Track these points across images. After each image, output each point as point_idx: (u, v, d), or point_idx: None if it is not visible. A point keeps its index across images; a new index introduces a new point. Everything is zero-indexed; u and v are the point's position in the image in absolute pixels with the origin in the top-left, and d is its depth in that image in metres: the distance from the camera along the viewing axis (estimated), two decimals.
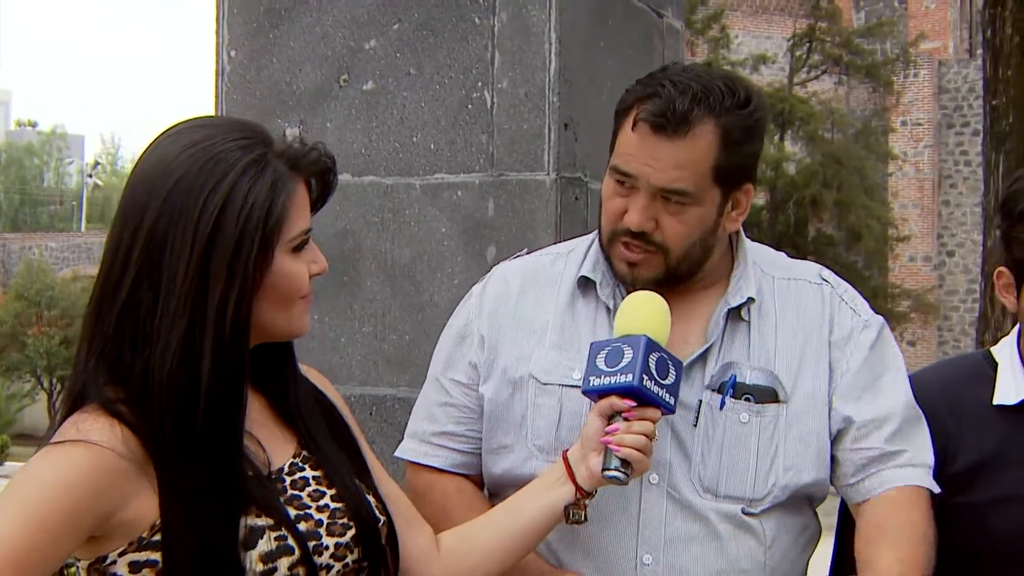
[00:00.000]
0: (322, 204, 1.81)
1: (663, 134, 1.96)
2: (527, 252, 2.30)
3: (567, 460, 1.94)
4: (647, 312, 1.93)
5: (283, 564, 1.64)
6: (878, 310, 2.21)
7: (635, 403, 1.87)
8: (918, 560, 2.00)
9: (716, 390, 2.03)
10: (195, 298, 1.63)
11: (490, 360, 2.12)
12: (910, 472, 2.05)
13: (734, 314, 2.07)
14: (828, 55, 24.75)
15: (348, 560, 1.72)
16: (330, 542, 1.70)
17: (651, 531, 2.00)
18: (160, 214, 1.65)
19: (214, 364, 1.63)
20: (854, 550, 2.05)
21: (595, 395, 1.91)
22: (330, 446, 1.81)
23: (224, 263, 1.63)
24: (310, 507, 1.72)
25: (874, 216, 23.83)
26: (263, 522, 1.64)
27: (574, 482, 1.92)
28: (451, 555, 1.93)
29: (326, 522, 1.71)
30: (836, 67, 24.92)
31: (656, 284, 2.02)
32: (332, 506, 1.73)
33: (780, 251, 2.23)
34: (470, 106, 2.85)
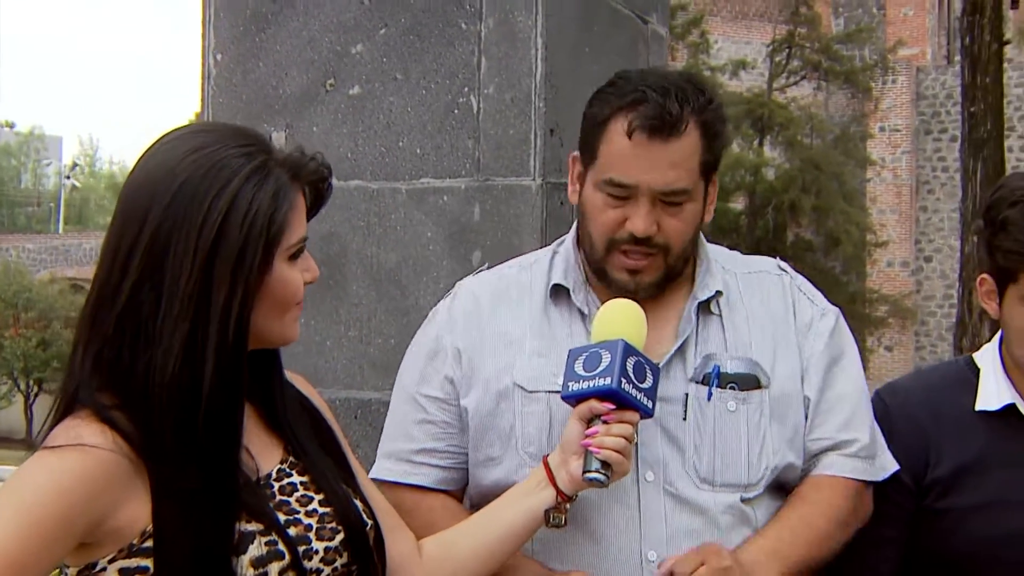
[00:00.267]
0: (315, 213, 1.82)
1: (659, 138, 2.00)
2: (487, 267, 2.31)
3: (547, 465, 1.96)
4: (624, 318, 1.96)
5: (274, 569, 1.64)
6: (856, 315, 2.27)
7: (614, 406, 1.89)
8: (820, 529, 2.04)
9: (700, 382, 2.06)
10: (198, 301, 1.63)
11: (469, 373, 2.13)
12: (856, 464, 2.11)
13: (704, 308, 2.12)
14: (807, 61, 24.85)
15: (337, 564, 1.72)
16: (320, 546, 1.71)
17: (653, 528, 2.02)
18: (163, 218, 1.65)
19: (216, 367, 1.63)
20: None
21: (574, 400, 1.93)
22: (316, 452, 1.82)
23: (228, 268, 1.64)
24: (299, 512, 1.72)
25: (852, 221, 23.93)
26: (253, 527, 1.65)
27: (555, 486, 1.94)
28: (433, 560, 1.94)
29: (315, 527, 1.72)
30: (815, 73, 25.01)
31: (656, 287, 2.08)
32: (321, 511, 1.74)
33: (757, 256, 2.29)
34: (456, 111, 2.85)
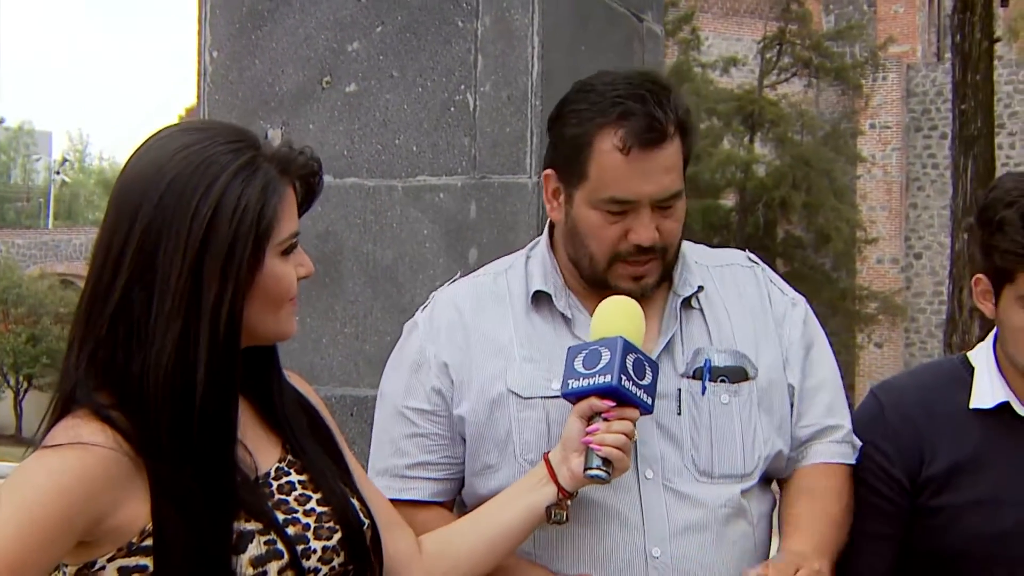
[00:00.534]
0: (307, 207, 1.82)
1: (652, 148, 2.01)
2: (460, 276, 2.32)
3: (548, 462, 1.97)
4: (622, 315, 1.97)
5: (273, 568, 1.64)
6: (846, 312, 2.31)
7: (614, 403, 1.91)
8: (837, 516, 2.10)
9: (692, 376, 2.09)
10: (189, 299, 1.63)
11: (460, 383, 2.12)
12: (844, 449, 2.17)
13: (685, 304, 2.14)
14: (798, 58, 24.86)
15: (335, 563, 1.73)
16: (317, 545, 1.71)
17: (656, 525, 2.04)
18: (153, 216, 1.65)
19: (209, 365, 1.63)
20: (780, 517, 2.14)
21: (574, 397, 1.94)
22: (315, 450, 1.82)
23: (218, 265, 1.64)
24: (297, 511, 1.73)
25: (843, 218, 23.97)
26: (252, 526, 1.65)
27: (556, 483, 1.95)
28: (433, 557, 1.95)
29: (313, 526, 1.72)
30: (806, 70, 25.03)
31: (656, 287, 2.11)
32: (318, 510, 1.74)
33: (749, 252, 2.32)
34: (452, 109, 2.86)
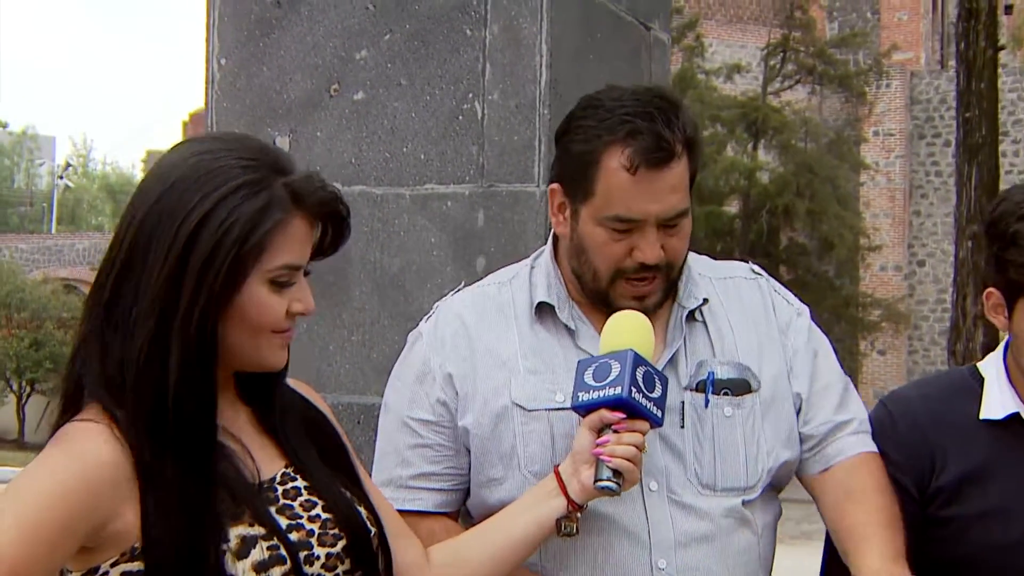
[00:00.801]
0: (333, 250, 1.79)
1: (661, 167, 2.01)
2: (464, 285, 2.32)
3: (559, 474, 1.97)
4: (631, 329, 1.97)
5: (275, 573, 1.64)
6: (849, 319, 2.32)
7: (624, 415, 1.91)
8: (889, 509, 2.09)
9: (695, 389, 2.09)
10: (166, 300, 1.64)
11: (465, 394, 2.12)
12: (861, 439, 2.17)
13: (689, 317, 2.14)
14: (802, 65, 24.85)
15: (339, 570, 1.72)
16: (321, 552, 1.71)
17: (661, 536, 2.04)
18: (149, 212, 1.67)
19: (181, 367, 1.63)
20: (826, 521, 2.14)
21: (583, 410, 1.95)
22: (314, 461, 1.81)
23: (195, 273, 1.64)
24: (302, 517, 1.72)
25: (846, 225, 23.94)
26: (256, 531, 1.65)
27: (566, 495, 1.95)
28: (442, 568, 1.94)
29: (317, 532, 1.72)
30: (809, 77, 25.01)
31: (658, 304, 2.10)
32: (323, 516, 1.74)
33: (754, 260, 2.33)
34: (460, 117, 2.86)
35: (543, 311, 2.14)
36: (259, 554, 1.64)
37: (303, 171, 1.74)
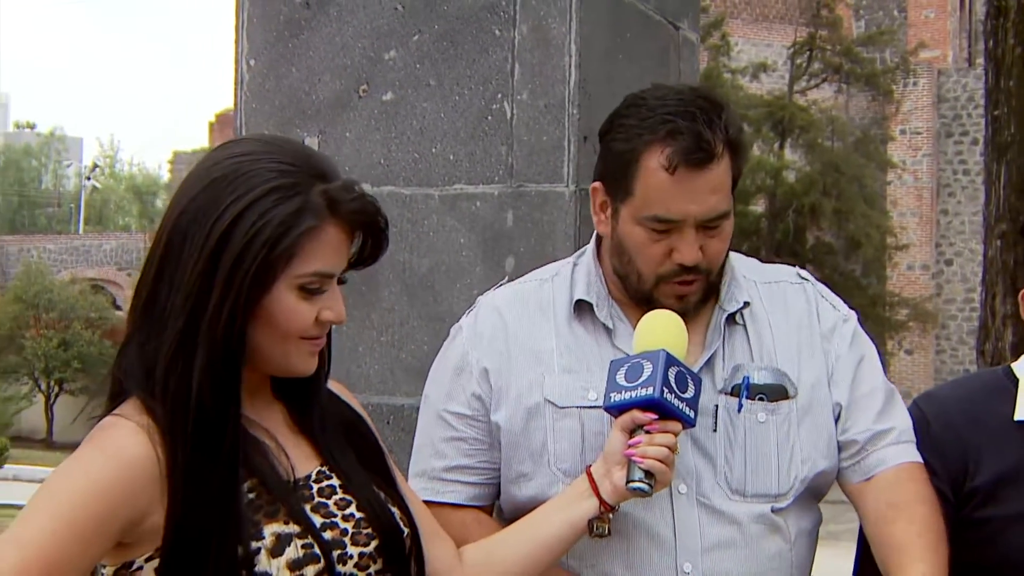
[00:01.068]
0: (372, 261, 1.79)
1: (701, 168, 1.99)
2: (507, 280, 2.31)
3: (591, 475, 1.96)
4: (665, 329, 1.97)
5: (309, 572, 1.65)
6: (876, 318, 2.29)
7: (656, 416, 1.90)
8: (939, 526, 2.05)
9: (730, 393, 2.07)
10: (196, 298, 1.64)
11: (499, 389, 2.12)
12: (904, 448, 2.13)
13: (729, 319, 2.12)
14: (828, 63, 24.77)
15: (372, 570, 1.73)
16: (354, 551, 1.71)
17: (688, 540, 2.02)
18: (186, 210, 1.68)
19: (208, 366, 1.64)
20: (866, 533, 2.11)
21: (616, 411, 1.94)
22: (350, 462, 1.81)
23: (224, 273, 1.64)
24: (336, 515, 1.73)
25: (873, 224, 23.85)
26: (291, 529, 1.66)
27: (598, 496, 1.94)
28: (475, 568, 1.94)
29: (351, 531, 1.72)
30: (836, 75, 24.93)
31: (698, 305, 2.09)
32: (357, 515, 1.74)
33: (780, 259, 2.30)
34: (490, 117, 2.85)
35: (582, 309, 2.14)
36: (294, 552, 1.64)
37: (343, 179, 1.73)
